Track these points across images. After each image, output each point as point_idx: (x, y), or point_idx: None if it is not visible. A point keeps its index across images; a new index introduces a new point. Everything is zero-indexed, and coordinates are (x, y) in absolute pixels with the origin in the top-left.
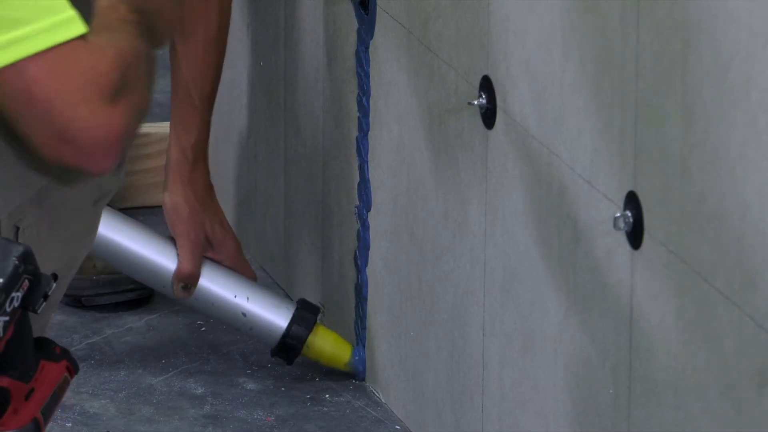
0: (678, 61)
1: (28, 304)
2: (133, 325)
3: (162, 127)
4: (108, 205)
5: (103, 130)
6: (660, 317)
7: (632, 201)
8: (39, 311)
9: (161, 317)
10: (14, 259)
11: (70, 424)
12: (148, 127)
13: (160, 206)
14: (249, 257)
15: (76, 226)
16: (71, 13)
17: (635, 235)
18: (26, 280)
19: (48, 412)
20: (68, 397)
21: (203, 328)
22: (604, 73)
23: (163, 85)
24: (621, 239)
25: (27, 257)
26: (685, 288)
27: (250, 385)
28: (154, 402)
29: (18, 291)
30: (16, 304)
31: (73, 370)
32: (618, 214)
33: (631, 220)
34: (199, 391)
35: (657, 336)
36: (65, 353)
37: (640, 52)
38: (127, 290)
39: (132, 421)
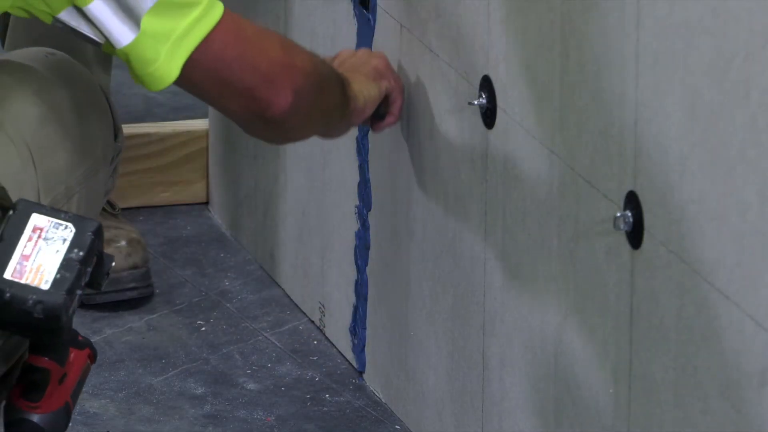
0: (678, 61)
1: (93, 280)
2: (133, 325)
3: (162, 127)
4: (109, 204)
5: (278, 69)
6: (660, 317)
7: (632, 201)
8: (102, 288)
9: (161, 317)
10: (90, 233)
11: (70, 424)
12: (148, 127)
13: (161, 206)
14: (249, 257)
15: (98, 210)
16: None
17: (635, 235)
18: (95, 257)
19: (75, 397)
20: None
21: (203, 328)
22: (604, 73)
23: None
24: (621, 239)
25: (100, 233)
26: (685, 288)
27: (250, 385)
28: (154, 402)
29: (89, 266)
30: (86, 279)
31: (93, 357)
32: (618, 214)
33: (631, 220)
34: (199, 391)
35: (657, 336)
36: (88, 341)
37: (640, 52)
38: (127, 289)
39: (132, 421)
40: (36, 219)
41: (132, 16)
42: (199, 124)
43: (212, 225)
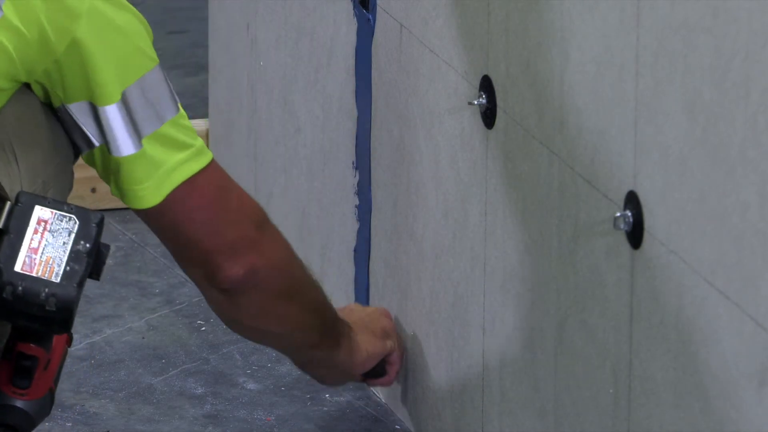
0: (678, 61)
1: (93, 270)
2: (133, 325)
3: None
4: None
5: (245, 245)
6: (660, 317)
7: (632, 201)
8: (100, 279)
9: (161, 317)
10: (94, 225)
11: (70, 424)
12: None
13: None
14: None
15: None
16: (201, 141)
17: (635, 235)
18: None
19: (57, 382)
20: (68, 397)
21: (203, 328)
22: (604, 73)
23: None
24: (621, 239)
25: (102, 224)
26: (685, 288)
27: (250, 385)
28: (154, 402)
29: (92, 257)
30: (89, 271)
31: (70, 341)
32: (618, 214)
33: (631, 220)
34: (199, 391)
35: (657, 336)
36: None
37: (640, 52)
38: None
39: (132, 421)
40: (40, 211)
41: (136, 133)
42: (199, 124)
43: None
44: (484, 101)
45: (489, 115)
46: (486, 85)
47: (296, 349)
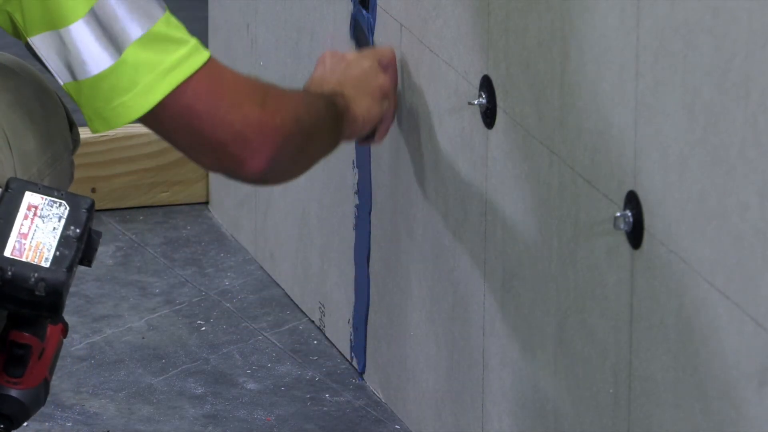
0: (678, 61)
1: (85, 256)
2: (133, 325)
3: None
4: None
5: (253, 128)
6: (660, 317)
7: (632, 201)
8: (91, 265)
9: (161, 317)
10: (84, 210)
11: (70, 424)
12: None
13: (161, 206)
14: (249, 257)
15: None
16: (195, 38)
17: (635, 235)
18: (88, 233)
19: (52, 372)
20: (68, 397)
21: (203, 328)
22: (604, 73)
23: None
24: (621, 239)
25: (92, 210)
26: (685, 288)
27: (250, 385)
28: (154, 402)
29: (83, 243)
30: (79, 256)
31: (65, 331)
32: (618, 214)
33: (631, 219)
34: (199, 391)
35: (657, 336)
36: (60, 316)
37: (640, 52)
38: None
39: (132, 421)
40: (30, 197)
41: (114, 43)
42: None
43: (212, 225)
44: (484, 101)
45: (489, 115)
46: (486, 85)
47: (324, 157)
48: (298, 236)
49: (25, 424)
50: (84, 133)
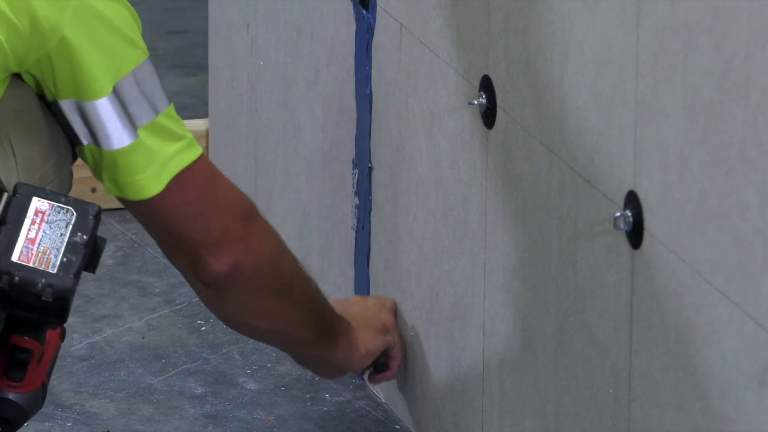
0: (678, 61)
1: (90, 263)
2: (133, 325)
3: None
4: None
5: (229, 238)
6: (660, 317)
7: (632, 201)
8: (95, 271)
9: (161, 317)
10: (91, 217)
11: (70, 424)
12: None
13: None
14: None
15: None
16: (190, 135)
17: (635, 235)
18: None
19: (49, 376)
20: (68, 397)
21: (203, 328)
22: (604, 73)
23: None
24: (621, 239)
25: (99, 216)
26: (685, 288)
27: (250, 385)
28: (154, 402)
29: (89, 249)
30: (85, 262)
31: (63, 336)
32: (618, 214)
33: (631, 219)
34: (199, 391)
35: (657, 336)
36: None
37: (640, 52)
38: None
39: (132, 421)
40: (37, 203)
41: (131, 124)
42: (199, 124)
43: None
44: (484, 101)
45: (489, 115)
46: (486, 85)
47: (291, 346)
48: (298, 236)
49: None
50: None
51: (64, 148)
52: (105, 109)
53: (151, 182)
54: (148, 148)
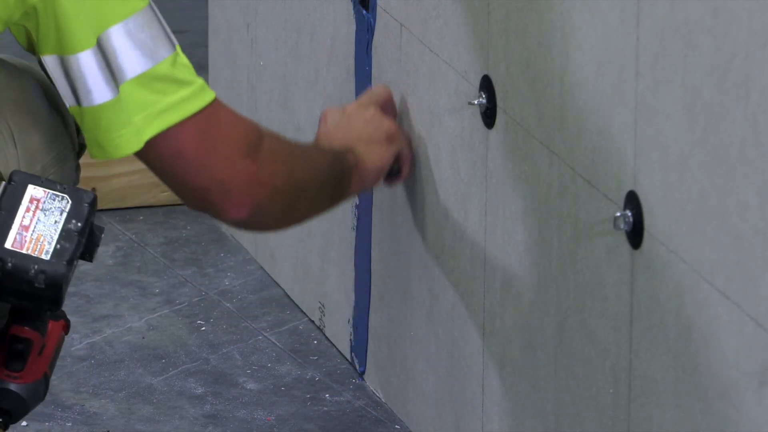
0: (678, 61)
1: (86, 251)
2: (133, 325)
3: None
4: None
5: (238, 181)
6: (660, 317)
7: (632, 201)
8: (93, 260)
9: (161, 317)
10: (86, 204)
11: (70, 424)
12: None
13: (160, 206)
14: (249, 257)
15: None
16: (201, 80)
17: (635, 235)
18: (89, 228)
19: (52, 368)
20: (68, 397)
21: (203, 328)
22: (604, 73)
23: None
24: (621, 239)
25: (94, 204)
26: (685, 288)
27: (250, 385)
28: (154, 402)
29: (85, 237)
30: (80, 250)
31: (67, 328)
32: (618, 214)
33: (631, 219)
34: (199, 391)
35: (657, 336)
36: (62, 312)
37: (640, 52)
38: None
39: (132, 421)
40: (33, 190)
41: (114, 78)
42: None
43: (212, 225)
44: (484, 101)
45: (489, 115)
46: (486, 85)
47: (320, 214)
48: (298, 236)
49: (24, 423)
50: None
51: (68, 142)
52: (86, 63)
53: (128, 141)
54: (133, 102)
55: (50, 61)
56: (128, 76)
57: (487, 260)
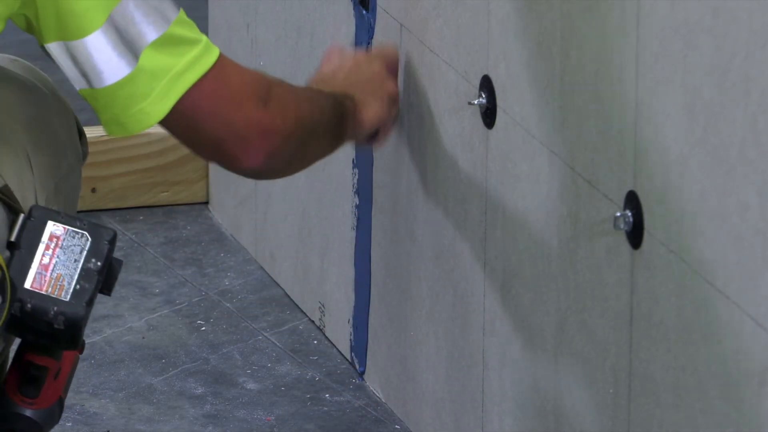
0: (678, 61)
1: (104, 287)
2: (133, 325)
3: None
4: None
5: (253, 129)
6: (660, 317)
7: (632, 201)
8: (111, 294)
9: (161, 317)
10: (106, 242)
11: (70, 424)
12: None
13: (160, 206)
14: (249, 257)
15: (76, 206)
16: (205, 36)
17: (635, 235)
18: (109, 264)
19: (66, 391)
20: (68, 397)
21: (203, 328)
22: (604, 73)
23: None
24: (621, 239)
25: (114, 241)
26: (685, 288)
27: (250, 385)
28: (154, 402)
29: (103, 275)
30: (99, 287)
31: (82, 349)
32: (618, 214)
33: (631, 219)
34: (199, 391)
35: (657, 336)
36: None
37: (640, 52)
38: None
39: (132, 421)
40: (52, 227)
41: (131, 49)
42: None
43: (212, 225)
44: (484, 101)
45: (489, 115)
46: (486, 85)
47: (323, 157)
48: (298, 236)
49: None
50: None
51: (73, 150)
52: (96, 44)
53: (155, 108)
54: (154, 69)
55: (55, 49)
56: (146, 44)
57: (487, 260)
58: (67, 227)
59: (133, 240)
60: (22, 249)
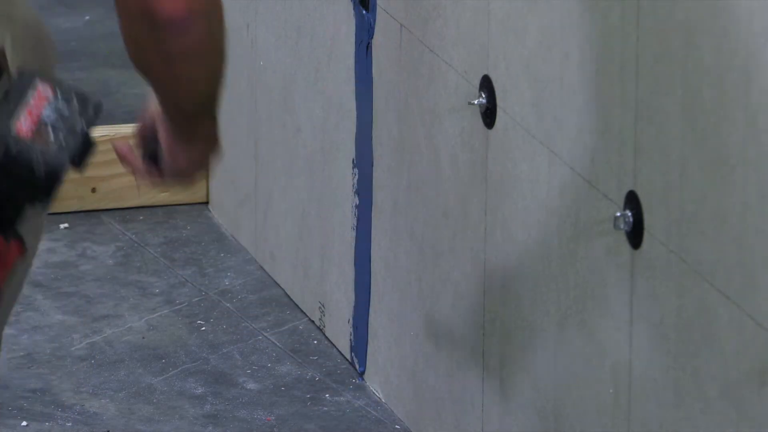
0: (678, 61)
1: (83, 152)
2: (133, 325)
3: None
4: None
5: None
6: (660, 317)
7: (632, 201)
8: (83, 169)
9: (161, 317)
10: (92, 105)
11: (70, 424)
12: None
13: (160, 206)
14: (249, 257)
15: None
16: None
17: (635, 235)
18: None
19: (4, 282)
20: (68, 397)
21: (203, 328)
22: (604, 73)
23: None
24: (621, 239)
25: (100, 107)
26: (685, 288)
27: (250, 385)
28: (154, 402)
29: (86, 139)
30: (80, 150)
31: (22, 251)
32: (618, 214)
33: (631, 219)
34: (199, 391)
35: (657, 336)
36: (19, 234)
37: (640, 52)
38: None
39: (132, 421)
40: (42, 86)
41: None
42: None
43: (212, 225)
44: (484, 101)
45: (489, 115)
46: (486, 85)
47: (218, 80)
48: (298, 236)
49: (24, 423)
50: None
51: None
52: None
53: None
54: None
55: None
56: None
57: (487, 260)
58: (55, 87)
59: (133, 240)
60: (11, 101)
